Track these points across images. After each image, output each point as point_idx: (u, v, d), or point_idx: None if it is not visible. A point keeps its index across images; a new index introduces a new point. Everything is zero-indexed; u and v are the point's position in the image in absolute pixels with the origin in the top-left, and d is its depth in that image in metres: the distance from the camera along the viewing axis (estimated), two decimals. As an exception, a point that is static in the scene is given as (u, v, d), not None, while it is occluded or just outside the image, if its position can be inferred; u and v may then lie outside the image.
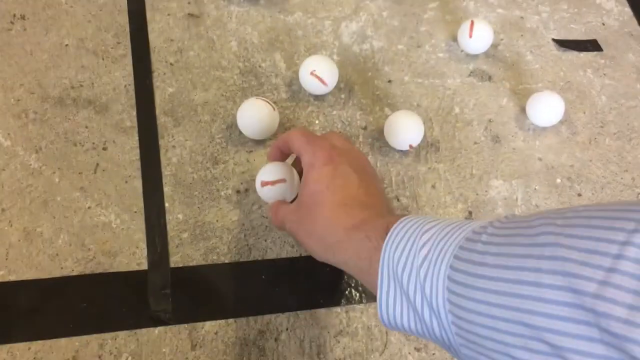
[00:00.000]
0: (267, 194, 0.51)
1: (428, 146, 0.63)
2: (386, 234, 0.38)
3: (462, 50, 0.70)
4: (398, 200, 0.60)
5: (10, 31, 0.58)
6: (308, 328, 0.52)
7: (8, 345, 0.47)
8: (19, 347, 0.47)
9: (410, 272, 0.35)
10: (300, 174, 0.50)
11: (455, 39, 0.71)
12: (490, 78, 0.69)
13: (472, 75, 0.69)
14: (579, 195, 0.63)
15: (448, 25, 0.72)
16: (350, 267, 0.42)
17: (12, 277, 0.49)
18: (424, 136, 0.62)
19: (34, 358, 0.47)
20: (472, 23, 0.68)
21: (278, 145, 0.51)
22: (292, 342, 0.52)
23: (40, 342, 0.47)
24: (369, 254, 0.39)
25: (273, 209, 0.50)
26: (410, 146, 0.61)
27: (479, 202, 0.61)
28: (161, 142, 0.57)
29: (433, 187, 0.61)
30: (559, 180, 0.64)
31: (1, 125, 0.54)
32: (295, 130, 0.48)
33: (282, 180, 0.50)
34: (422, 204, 0.60)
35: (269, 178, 0.50)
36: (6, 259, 0.49)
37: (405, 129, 0.60)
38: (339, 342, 0.52)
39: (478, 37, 0.68)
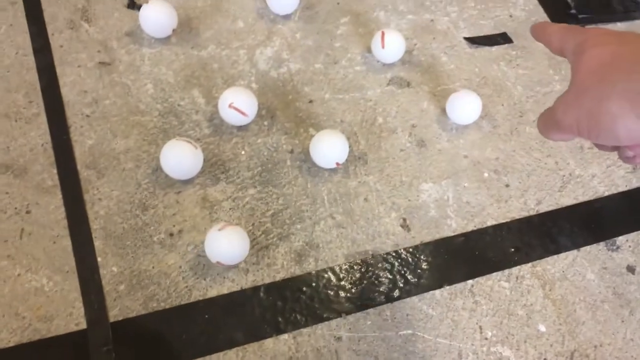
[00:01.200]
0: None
1: (356, 160, 0.64)
2: None
3: (378, 61, 0.72)
4: (333, 218, 0.60)
5: None
6: (258, 358, 0.52)
7: None
8: None
9: None
10: None
11: (370, 50, 0.72)
12: (408, 84, 0.71)
13: (390, 83, 0.71)
14: (507, 186, 0.65)
15: (362, 38, 0.74)
16: None
17: (-54, 359, 0.48)
18: (351, 151, 0.63)
19: None
20: (383, 33, 0.69)
21: (537, 34, 0.41)
22: (243, 378, 0.52)
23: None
24: None
25: (539, 122, 0.40)
26: (337, 163, 0.62)
27: (412, 208, 0.63)
28: (86, 197, 0.57)
29: (365, 200, 0.62)
30: (486, 175, 0.66)
31: None
32: (551, 25, 0.40)
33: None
34: (356, 218, 0.61)
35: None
36: (-63, 341, 0.48)
37: (330, 148, 0.61)
38: (289, 369, 0.53)
39: (391, 47, 0.70)
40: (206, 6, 0.72)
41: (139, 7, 0.68)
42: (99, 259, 0.54)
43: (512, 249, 0.61)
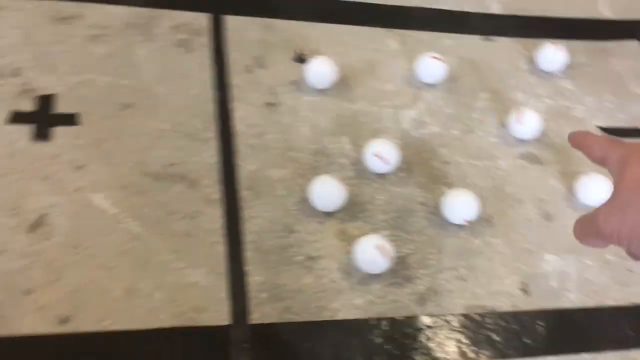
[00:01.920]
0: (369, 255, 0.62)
1: (483, 221, 0.69)
2: None
3: (512, 136, 0.77)
4: (456, 270, 0.64)
5: (119, 117, 0.68)
6: (374, 385, 0.56)
7: (109, 387, 0.53)
8: (119, 390, 0.53)
9: None
10: None
11: (505, 125, 0.77)
12: (540, 161, 0.75)
13: (522, 158, 0.75)
14: (630, 271, 0.67)
15: (499, 114, 0.79)
16: None
17: (116, 327, 0.55)
18: (479, 212, 0.67)
19: (132, 400, 0.52)
20: (521, 111, 0.75)
21: (578, 142, 0.45)
22: (359, 398, 0.56)
23: (137, 386, 0.53)
24: None
25: (576, 230, 0.42)
26: (466, 221, 0.66)
27: (533, 275, 0.66)
28: (243, 213, 0.64)
29: (489, 259, 0.66)
30: (609, 257, 0.68)
31: (110, 195, 0.63)
32: (596, 137, 0.43)
33: (389, 254, 0.62)
34: (478, 274, 0.65)
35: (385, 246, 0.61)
36: (110, 311, 0.56)
37: (461, 205, 0.66)
38: (403, 399, 0.56)
39: (527, 124, 0.75)
40: (362, 68, 0.81)
41: (305, 62, 0.77)
42: (247, 268, 0.61)
43: (632, 332, 0.62)
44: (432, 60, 0.78)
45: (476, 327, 0.61)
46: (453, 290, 0.63)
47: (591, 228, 0.40)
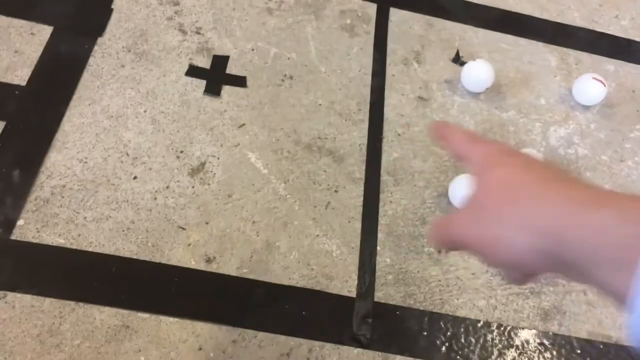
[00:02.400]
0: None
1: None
2: None
3: (665, 171, 0.74)
4: (585, 294, 0.63)
5: (280, 86, 0.73)
6: (485, 386, 0.57)
7: (240, 329, 0.57)
8: (248, 333, 0.57)
9: None
10: None
11: (660, 160, 0.74)
12: (691, 202, 0.72)
13: (673, 196, 0.72)
14: None
15: (654, 146, 0.76)
16: (581, 253, 0.29)
17: (252, 276, 0.60)
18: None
19: (258, 345, 0.56)
20: (681, 148, 0.71)
21: (442, 133, 0.40)
22: (469, 394, 0.56)
23: (264, 333, 0.57)
24: (625, 241, 0.27)
25: (436, 227, 0.38)
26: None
27: (665, 316, 0.63)
28: (381, 196, 0.67)
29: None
30: None
31: (263, 156, 0.67)
32: (463, 133, 0.39)
33: None
34: (608, 302, 0.63)
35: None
36: (250, 260, 0.60)
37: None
38: (512, 406, 0.56)
39: (685, 162, 0.71)
40: (517, 78, 0.80)
41: (462, 63, 0.78)
42: (378, 248, 0.63)
43: None
44: (594, 81, 0.76)
45: (598, 355, 0.59)
46: (579, 314, 0.62)
47: (444, 231, 0.37)
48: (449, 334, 0.59)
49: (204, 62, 0.73)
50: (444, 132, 0.40)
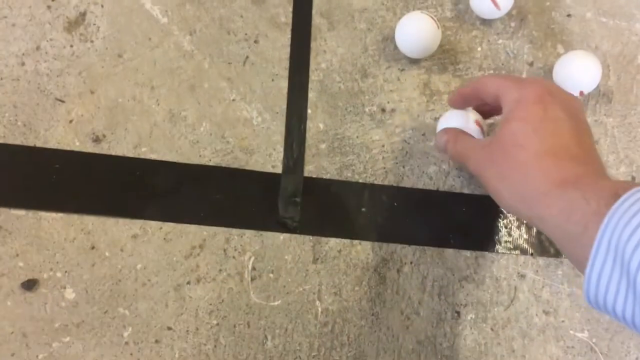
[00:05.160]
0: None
1: (599, 95, 0.56)
2: (613, 200, 0.32)
3: (662, -8, 0.60)
4: (554, 150, 0.54)
5: None
6: (433, 266, 0.50)
7: (141, 221, 0.48)
8: (151, 225, 0.48)
9: None
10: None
11: (656, -22, 0.61)
12: (688, 30, 0.60)
13: (667, 23, 0.60)
14: None
15: (650, -39, 0.62)
16: (551, 227, 0.37)
17: (153, 156, 0.49)
18: (598, 83, 0.55)
19: (164, 238, 0.48)
20: (684, -39, 0.58)
21: (463, 93, 0.46)
22: (414, 277, 0.49)
23: (171, 224, 0.48)
24: (584, 218, 0.34)
25: (451, 134, 0.45)
26: (581, 93, 0.54)
27: (645, 169, 0.54)
28: (313, 45, 0.54)
29: (596, 142, 0.55)
30: None
31: (161, 1, 0.53)
32: (490, 74, 0.43)
33: (480, 126, 0.46)
34: (580, 159, 0.54)
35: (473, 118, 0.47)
36: (150, 136, 0.50)
37: (580, 72, 0.53)
38: (462, 287, 0.49)
39: (687, -21, 0.58)
40: None
41: None
42: (309, 111, 0.52)
43: None
44: None
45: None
46: (545, 174, 0.53)
47: (460, 152, 0.44)
48: (391, 208, 0.51)
49: None
50: (473, 86, 0.45)
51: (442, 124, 0.48)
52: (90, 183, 0.48)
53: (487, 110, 0.48)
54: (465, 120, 0.47)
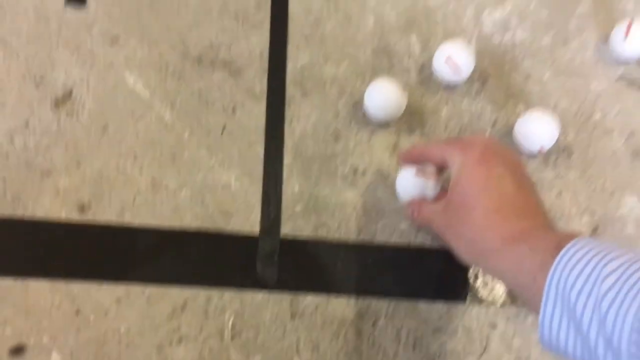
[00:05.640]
0: (413, 185, 0.51)
1: (559, 151, 0.60)
2: (557, 252, 0.35)
3: (613, 53, 0.65)
4: (519, 203, 0.57)
5: (162, -13, 0.61)
6: (407, 318, 0.51)
7: (125, 285, 0.50)
8: (135, 289, 0.50)
9: (587, 301, 0.33)
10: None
11: (607, 39, 0.65)
12: (640, 86, 0.64)
13: (620, 80, 0.64)
14: None
15: (601, 24, 0.67)
16: (506, 277, 0.41)
17: (136, 222, 0.52)
18: (558, 139, 0.58)
19: (147, 301, 0.49)
20: (630, 23, 0.62)
21: (412, 157, 0.51)
22: (389, 329, 0.51)
23: (154, 287, 0.50)
24: (532, 270, 0.37)
25: (415, 206, 0.50)
26: (542, 148, 0.57)
27: (607, 219, 0.57)
28: (287, 112, 0.58)
29: (559, 195, 0.58)
30: (703, 208, 0.58)
31: (143, 77, 0.57)
32: (433, 141, 0.49)
33: (434, 177, 0.50)
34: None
35: (425, 169, 0.50)
36: (132, 204, 0.52)
37: (539, 130, 0.57)
38: (436, 338, 0.51)
39: (635, 39, 0.62)
40: (446, -47, 0.68)
41: (380, -60, 0.66)
42: (284, 174, 0.55)
43: None
44: (532, -49, 0.65)
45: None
46: (512, 226, 0.56)
47: (425, 218, 0.49)
48: (365, 264, 0.53)
49: (64, -36, 0.60)
50: (418, 152, 0.50)
51: (400, 182, 0.52)
52: (75, 250, 0.50)
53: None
54: (421, 177, 0.51)
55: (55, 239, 0.50)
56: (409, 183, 0.51)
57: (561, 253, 0.35)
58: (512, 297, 0.53)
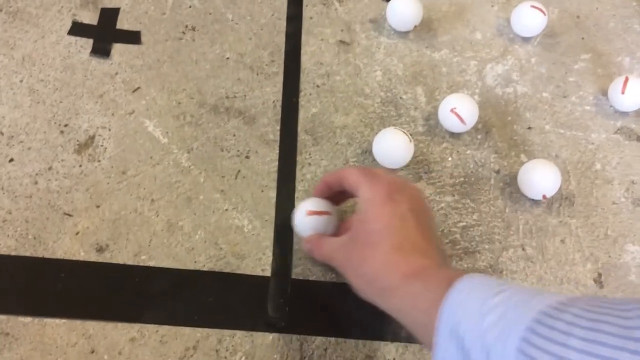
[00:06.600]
0: (308, 224, 0.51)
1: (562, 199, 0.61)
2: (447, 288, 0.37)
3: (611, 106, 0.68)
4: (523, 249, 0.58)
5: (181, 40, 0.64)
6: (415, 362, 0.52)
7: (139, 325, 0.51)
8: (148, 328, 0.51)
9: (473, 333, 0.34)
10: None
11: (604, 93, 0.68)
12: (638, 138, 0.66)
13: (619, 132, 0.66)
14: None
15: (598, 79, 0.70)
16: (403, 315, 0.41)
17: (152, 263, 0.53)
18: (560, 188, 0.60)
19: (160, 341, 0.50)
20: (627, 79, 0.65)
21: (327, 181, 0.51)
22: (397, 373, 0.52)
23: (167, 327, 0.51)
24: (427, 306, 0.38)
25: (314, 242, 0.50)
26: (544, 196, 0.59)
27: (610, 265, 0.58)
28: (299, 158, 0.60)
29: (562, 241, 0.59)
30: None
31: (162, 123, 0.59)
32: (350, 166, 0.48)
33: (328, 213, 0.51)
34: (548, 257, 0.58)
35: (316, 208, 0.51)
36: (149, 245, 0.54)
37: (541, 178, 0.59)
38: (444, 382, 0.52)
39: (631, 94, 0.65)
40: (449, 11, 0.72)
41: (388, -2, 0.70)
42: (295, 218, 0.57)
43: None
44: (532, 9, 0.69)
45: (537, 315, 0.55)
46: (517, 271, 0.57)
47: (326, 254, 0.49)
48: (375, 307, 0.54)
49: (90, 18, 0.63)
50: (337, 175, 0.50)
51: (298, 218, 0.52)
52: (92, 290, 0.51)
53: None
54: (328, 205, 0.52)
55: (73, 278, 0.51)
56: (307, 219, 0.51)
57: (450, 291, 0.36)
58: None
